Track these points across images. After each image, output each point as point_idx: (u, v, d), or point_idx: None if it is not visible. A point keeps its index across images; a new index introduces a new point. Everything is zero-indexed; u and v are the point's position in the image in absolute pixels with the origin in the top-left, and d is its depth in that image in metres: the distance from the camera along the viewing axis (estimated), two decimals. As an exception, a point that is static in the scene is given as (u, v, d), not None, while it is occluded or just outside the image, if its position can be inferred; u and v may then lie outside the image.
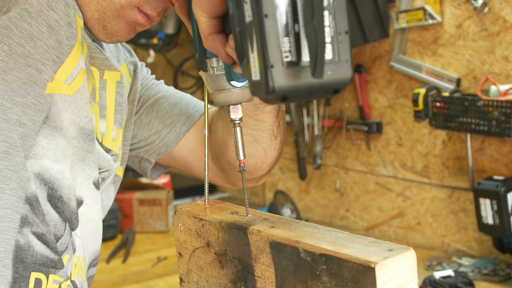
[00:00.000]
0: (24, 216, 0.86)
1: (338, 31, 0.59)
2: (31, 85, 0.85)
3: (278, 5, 0.58)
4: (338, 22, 0.59)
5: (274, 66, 0.58)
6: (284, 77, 0.58)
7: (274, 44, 0.58)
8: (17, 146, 0.84)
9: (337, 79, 0.60)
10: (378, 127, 2.07)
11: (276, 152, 1.08)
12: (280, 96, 0.59)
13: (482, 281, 1.59)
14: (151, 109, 1.14)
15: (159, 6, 0.94)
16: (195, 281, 0.84)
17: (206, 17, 0.69)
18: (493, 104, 1.61)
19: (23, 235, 0.86)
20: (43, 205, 0.88)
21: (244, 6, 0.59)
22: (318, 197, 2.35)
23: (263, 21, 0.57)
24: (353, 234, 0.67)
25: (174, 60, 2.97)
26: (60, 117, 0.88)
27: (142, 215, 2.29)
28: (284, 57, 0.58)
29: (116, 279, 1.81)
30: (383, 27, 1.96)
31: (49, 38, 0.86)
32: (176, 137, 1.14)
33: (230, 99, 0.84)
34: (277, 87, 0.58)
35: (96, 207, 0.99)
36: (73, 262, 0.94)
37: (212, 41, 0.70)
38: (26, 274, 0.86)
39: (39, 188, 0.87)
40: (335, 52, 0.59)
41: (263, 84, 0.58)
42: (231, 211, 0.82)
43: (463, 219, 1.86)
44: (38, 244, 0.87)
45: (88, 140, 0.93)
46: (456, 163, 1.86)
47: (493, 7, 1.69)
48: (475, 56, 1.75)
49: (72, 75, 0.89)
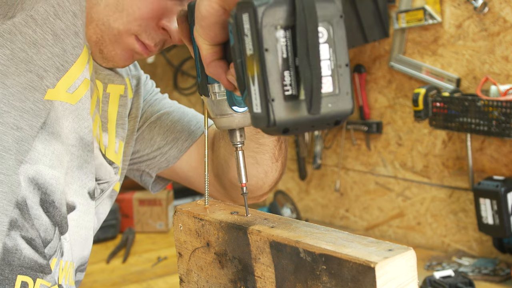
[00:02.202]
0: (14, 220, 0.85)
1: (338, 64, 0.60)
2: (30, 90, 0.85)
3: (278, 39, 0.58)
4: (338, 55, 0.60)
5: (275, 100, 0.58)
6: (285, 111, 0.59)
7: (275, 78, 0.58)
8: (11, 149, 0.84)
9: (338, 112, 0.60)
10: (378, 127, 2.07)
11: (277, 174, 1.09)
12: (281, 129, 0.59)
13: (482, 281, 1.59)
14: (154, 125, 1.15)
15: (156, 37, 0.95)
16: (195, 281, 0.84)
17: (208, 44, 0.69)
18: (493, 104, 1.61)
19: (11, 238, 0.85)
20: (35, 209, 0.88)
21: (245, 39, 0.60)
22: (318, 197, 2.35)
23: (263, 55, 0.58)
24: (353, 234, 0.67)
25: (174, 60, 2.97)
26: (59, 123, 0.88)
27: (142, 215, 2.29)
28: (285, 90, 0.59)
29: (116, 279, 1.81)
30: (383, 27, 1.96)
31: (54, 46, 0.86)
32: (178, 153, 1.14)
33: (232, 124, 0.84)
34: (278, 121, 0.58)
35: (88, 216, 0.99)
36: (61, 266, 0.94)
37: (214, 68, 0.70)
38: (12, 277, 0.86)
39: (32, 192, 0.87)
40: (335, 85, 0.60)
41: (264, 117, 0.59)
42: (231, 211, 0.82)
43: (463, 219, 1.86)
44: (27, 248, 0.87)
45: (87, 150, 0.94)
46: (456, 163, 1.86)
47: (493, 7, 1.69)
48: (475, 56, 1.75)
49: (75, 84, 0.89)
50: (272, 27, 0.58)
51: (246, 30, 0.60)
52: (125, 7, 0.91)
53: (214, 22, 0.66)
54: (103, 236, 2.13)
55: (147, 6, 0.91)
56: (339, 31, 0.60)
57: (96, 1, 0.91)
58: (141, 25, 0.93)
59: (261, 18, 0.58)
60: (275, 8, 0.58)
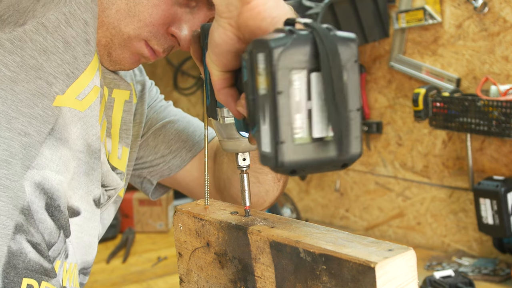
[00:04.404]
0: (19, 224, 0.86)
1: (350, 109, 0.59)
2: (39, 97, 0.85)
3: (293, 82, 0.58)
4: (351, 100, 0.59)
5: (284, 143, 0.58)
6: (293, 153, 0.58)
7: (286, 121, 0.58)
8: (17, 155, 0.84)
9: (347, 155, 0.60)
10: (378, 127, 2.07)
11: (278, 192, 1.10)
12: (289, 171, 0.59)
13: (482, 281, 1.59)
14: (159, 133, 1.16)
15: (165, 43, 0.96)
16: (195, 281, 0.84)
17: (219, 70, 0.68)
18: (493, 104, 1.61)
19: (16, 241, 0.86)
20: (40, 213, 0.88)
21: (258, 78, 0.59)
22: (318, 197, 2.35)
23: (276, 98, 0.57)
24: (353, 234, 0.67)
25: (174, 60, 2.97)
26: (67, 130, 0.88)
27: (142, 215, 2.29)
28: (295, 133, 0.58)
29: (116, 279, 1.81)
30: (383, 27, 1.96)
31: (65, 53, 0.86)
32: (180, 163, 1.16)
33: (239, 148, 0.85)
34: (286, 163, 0.58)
35: (93, 223, 1.00)
36: (65, 267, 0.95)
37: (224, 96, 0.70)
38: (17, 280, 0.86)
39: (38, 197, 0.88)
40: None
41: (272, 158, 0.59)
42: (231, 211, 0.82)
43: (463, 219, 1.86)
44: (32, 252, 0.87)
45: (94, 157, 0.94)
46: (456, 163, 1.86)
47: (493, 7, 1.69)
48: (475, 56, 1.75)
49: (85, 91, 0.89)
50: (287, 70, 0.57)
51: (260, 70, 0.59)
52: (137, 12, 0.91)
53: (227, 50, 0.66)
54: (103, 236, 2.10)
55: (158, 12, 0.92)
56: (352, 75, 0.59)
57: (107, 5, 0.91)
58: (151, 31, 0.93)
59: (277, 60, 0.57)
60: (292, 50, 0.57)
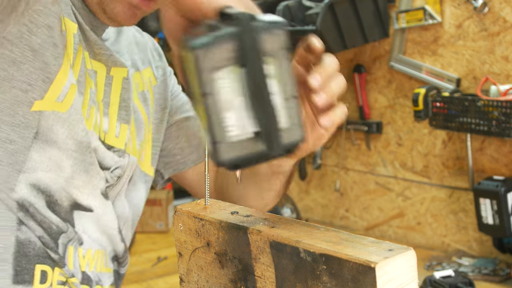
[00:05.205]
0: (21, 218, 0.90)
1: (286, 97, 0.59)
2: (18, 105, 0.86)
3: (218, 80, 0.57)
4: (285, 88, 0.59)
5: (219, 142, 0.58)
6: (231, 151, 0.58)
7: (217, 121, 0.57)
8: (3, 161, 0.87)
9: (289, 142, 0.60)
10: (378, 127, 2.07)
11: (275, 203, 1.12)
12: (232, 167, 0.59)
13: (482, 281, 1.59)
14: (182, 125, 1.18)
15: None
16: (195, 281, 0.84)
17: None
18: (493, 104, 1.61)
19: (22, 232, 0.89)
20: (44, 211, 0.91)
21: (189, 79, 0.59)
22: (318, 197, 2.35)
23: (204, 99, 0.57)
24: (353, 234, 0.67)
25: (174, 60, 2.97)
26: (54, 131, 0.90)
27: (142, 215, 2.28)
28: (229, 131, 0.58)
29: (116, 279, 1.81)
30: (383, 27, 1.96)
31: (35, 60, 0.87)
32: (196, 159, 1.18)
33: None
34: (225, 160, 0.58)
35: (108, 216, 1.00)
36: (80, 253, 0.96)
37: None
38: (30, 267, 0.89)
39: (37, 197, 0.90)
40: (285, 118, 0.59)
41: (213, 156, 0.59)
42: (231, 211, 0.82)
43: (463, 219, 1.86)
44: (39, 242, 0.91)
45: (88, 152, 0.95)
46: (456, 163, 1.86)
47: (493, 7, 1.69)
48: (475, 56, 1.75)
49: (63, 92, 0.90)
50: (212, 70, 0.56)
51: (188, 71, 0.59)
52: None
53: (176, 29, 0.65)
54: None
55: None
56: (283, 63, 0.59)
57: None
58: None
59: (201, 62, 0.56)
60: (214, 49, 0.56)
